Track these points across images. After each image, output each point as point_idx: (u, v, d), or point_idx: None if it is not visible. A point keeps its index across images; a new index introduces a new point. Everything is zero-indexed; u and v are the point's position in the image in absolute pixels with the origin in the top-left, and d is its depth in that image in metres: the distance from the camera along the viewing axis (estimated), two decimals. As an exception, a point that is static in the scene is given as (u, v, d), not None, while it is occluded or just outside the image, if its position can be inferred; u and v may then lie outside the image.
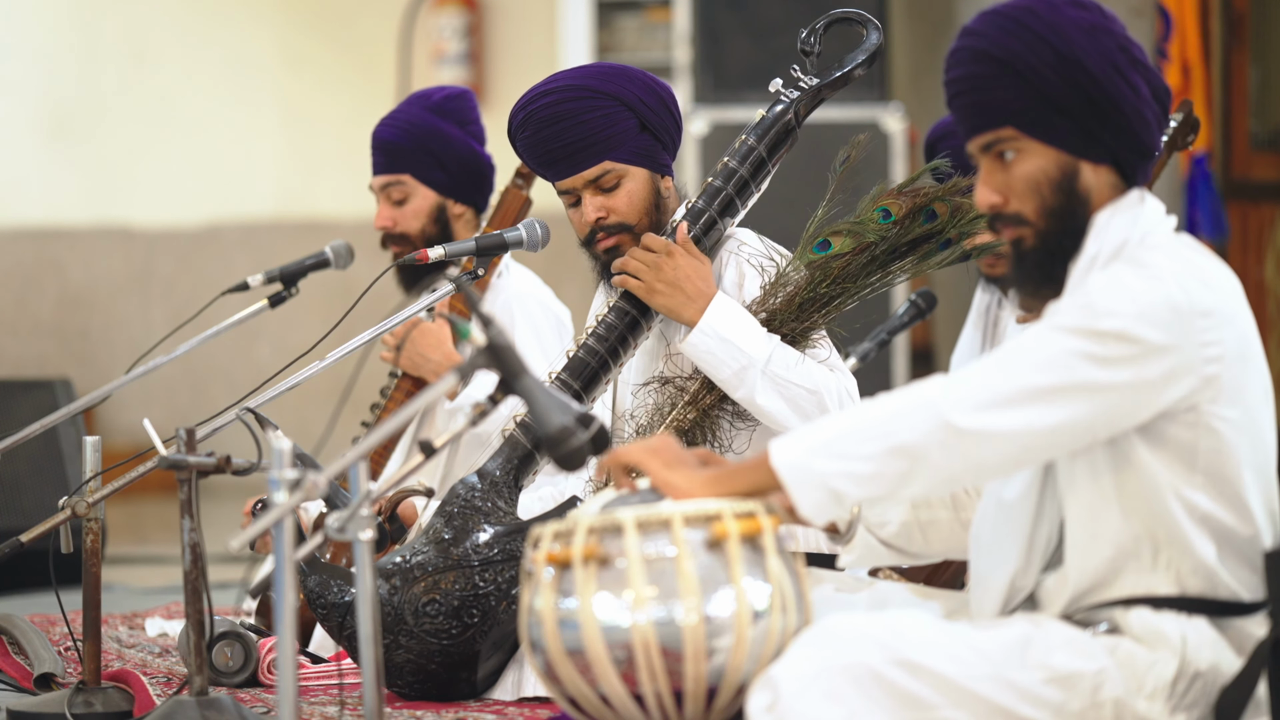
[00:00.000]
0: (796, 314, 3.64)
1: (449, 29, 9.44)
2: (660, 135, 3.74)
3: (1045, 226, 2.69)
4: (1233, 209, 7.60)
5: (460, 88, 4.64)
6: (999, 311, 4.45)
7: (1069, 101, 2.65)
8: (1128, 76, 2.65)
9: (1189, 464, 2.62)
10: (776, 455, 2.65)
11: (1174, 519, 2.63)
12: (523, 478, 3.64)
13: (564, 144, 3.70)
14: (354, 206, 8.57)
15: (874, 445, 2.60)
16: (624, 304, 3.70)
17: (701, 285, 3.62)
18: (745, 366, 3.56)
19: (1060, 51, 2.64)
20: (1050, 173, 2.68)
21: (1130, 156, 2.68)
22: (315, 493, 2.54)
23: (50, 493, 5.35)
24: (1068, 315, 2.58)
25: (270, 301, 4.31)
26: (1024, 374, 2.57)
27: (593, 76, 3.73)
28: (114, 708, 3.54)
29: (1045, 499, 2.72)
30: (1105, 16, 2.68)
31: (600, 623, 2.59)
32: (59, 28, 9.87)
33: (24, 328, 9.87)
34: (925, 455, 2.58)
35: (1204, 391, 2.60)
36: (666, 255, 3.63)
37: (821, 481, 2.62)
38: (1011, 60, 2.66)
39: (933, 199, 3.66)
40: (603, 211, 3.73)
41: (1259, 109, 8.00)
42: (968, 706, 2.55)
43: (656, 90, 3.75)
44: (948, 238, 3.66)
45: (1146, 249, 2.64)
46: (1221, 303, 2.62)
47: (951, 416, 2.57)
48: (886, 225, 3.66)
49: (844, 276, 3.65)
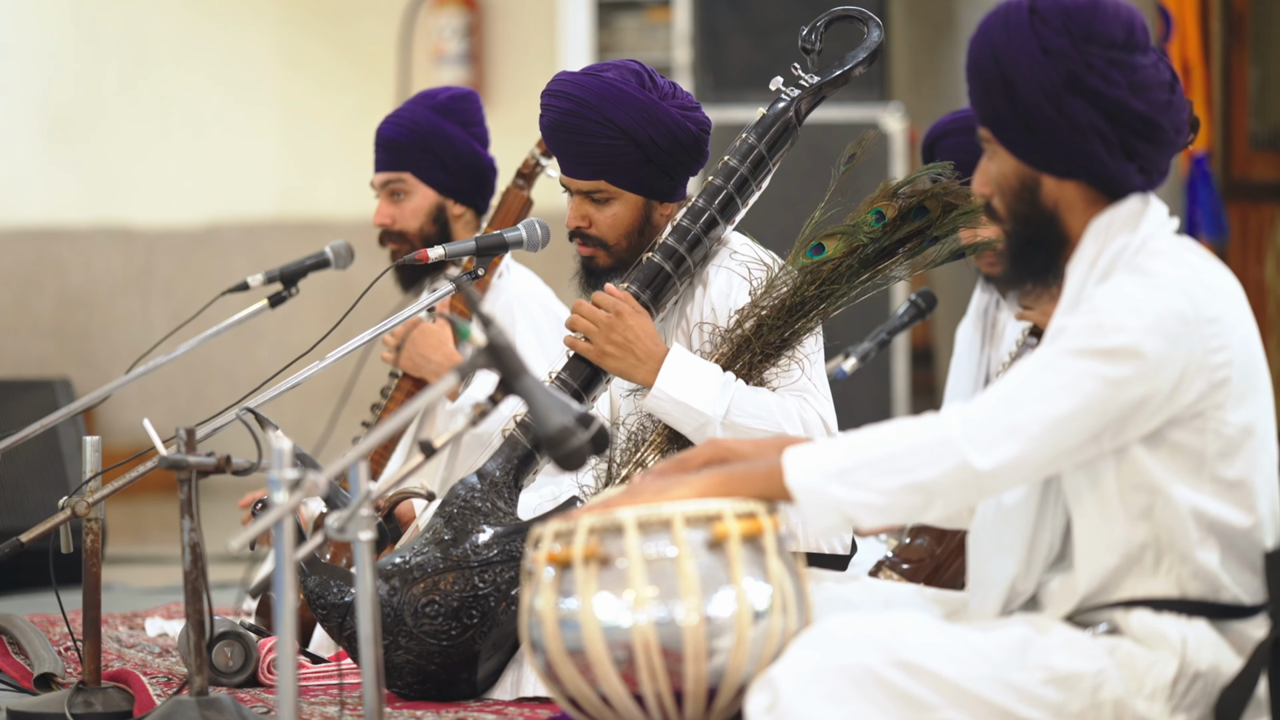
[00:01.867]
0: (785, 320, 3.64)
1: (449, 29, 9.43)
2: (668, 170, 3.73)
3: (1012, 227, 2.73)
4: (1233, 209, 7.60)
5: (466, 89, 4.64)
6: (997, 312, 4.44)
7: (1010, 119, 2.67)
8: (1062, 106, 2.64)
9: (1197, 469, 2.62)
10: (792, 474, 2.65)
11: (1180, 526, 2.63)
12: (522, 478, 3.64)
13: (568, 148, 3.72)
14: (354, 206, 8.56)
15: (892, 480, 2.60)
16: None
17: (651, 345, 3.62)
18: (703, 425, 3.57)
19: (1003, 71, 2.67)
20: (1011, 180, 2.71)
21: (1088, 177, 2.68)
22: (315, 493, 2.54)
23: (50, 493, 5.35)
24: (1077, 337, 2.59)
25: (270, 301, 4.31)
26: (1040, 406, 2.57)
27: (611, 100, 3.68)
28: (114, 708, 3.54)
29: (1046, 503, 2.72)
30: (1079, 38, 2.64)
31: (601, 623, 2.59)
32: (59, 28, 9.86)
33: (24, 328, 9.86)
34: (942, 493, 2.60)
35: (1212, 397, 2.60)
36: (616, 316, 3.62)
37: (835, 507, 2.63)
38: (976, 69, 2.71)
39: (924, 197, 3.66)
40: (584, 221, 3.75)
41: (1259, 109, 7.99)
42: (967, 707, 2.55)
43: (672, 130, 3.69)
44: (935, 235, 3.66)
45: (1148, 255, 2.64)
46: (1226, 309, 2.63)
47: (970, 457, 2.58)
48: (878, 228, 3.65)
49: (833, 278, 3.64)
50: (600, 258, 3.77)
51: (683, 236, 3.68)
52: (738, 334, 3.64)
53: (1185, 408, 2.60)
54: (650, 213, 3.76)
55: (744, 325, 3.64)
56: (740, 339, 3.64)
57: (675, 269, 3.68)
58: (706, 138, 3.77)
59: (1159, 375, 2.57)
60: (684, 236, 3.68)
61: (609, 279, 3.77)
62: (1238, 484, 2.63)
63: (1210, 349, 2.60)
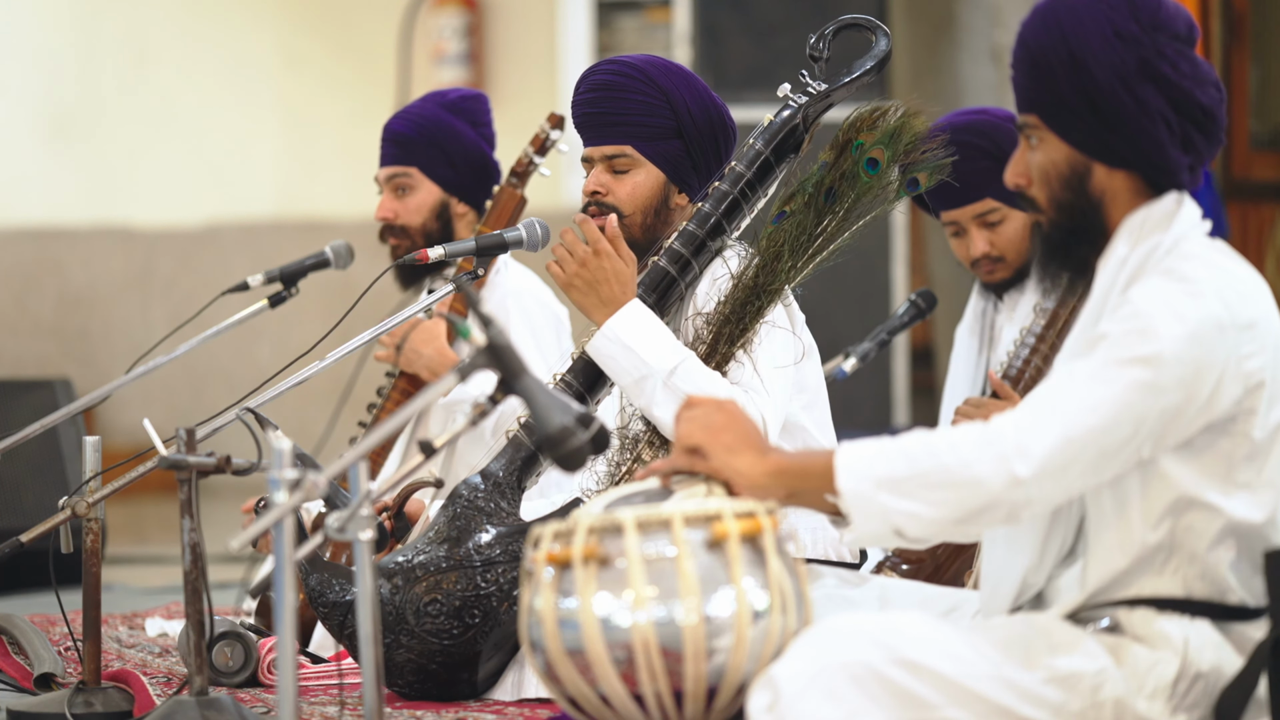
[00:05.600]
0: (758, 289, 3.62)
1: (449, 29, 9.43)
2: (693, 151, 3.73)
3: (1054, 217, 2.72)
4: (1233, 209, 7.60)
5: (475, 90, 4.65)
6: (995, 316, 4.44)
7: (1076, 103, 2.66)
8: (1135, 90, 2.64)
9: (1225, 473, 2.62)
10: (843, 479, 2.63)
11: (1198, 528, 2.62)
12: (526, 478, 3.64)
13: (600, 111, 3.73)
14: (354, 206, 8.56)
15: (944, 493, 2.59)
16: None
17: (618, 291, 3.59)
18: (645, 376, 3.52)
19: (1073, 52, 2.65)
20: (1060, 168, 2.70)
21: (1145, 167, 2.68)
22: (315, 493, 2.54)
23: (50, 493, 5.34)
24: (1120, 346, 2.58)
25: (270, 301, 4.31)
26: (1089, 416, 2.56)
27: (657, 67, 3.75)
28: (114, 708, 3.54)
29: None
30: (1147, 26, 2.66)
31: (600, 623, 2.59)
32: (59, 28, 9.86)
33: (24, 328, 9.86)
34: (992, 507, 2.59)
35: (1246, 401, 2.60)
36: (594, 254, 3.60)
37: (884, 516, 2.62)
38: (1038, 51, 2.68)
39: (858, 132, 3.67)
40: (602, 188, 3.74)
41: (1259, 109, 8.00)
42: (968, 706, 2.55)
43: (711, 114, 3.75)
44: (870, 156, 3.66)
45: (1181, 257, 2.63)
46: (1260, 312, 2.64)
47: (1018, 469, 2.57)
48: (819, 172, 3.67)
49: (791, 233, 3.64)
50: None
51: (689, 241, 3.68)
52: (718, 316, 3.63)
53: (1222, 413, 2.60)
54: (668, 196, 3.76)
55: (723, 308, 3.63)
56: (719, 319, 3.63)
57: (681, 274, 3.68)
58: (733, 138, 3.79)
59: (1197, 383, 2.56)
60: (690, 241, 3.68)
61: None
62: (1263, 485, 2.64)
63: (1244, 354, 2.60)
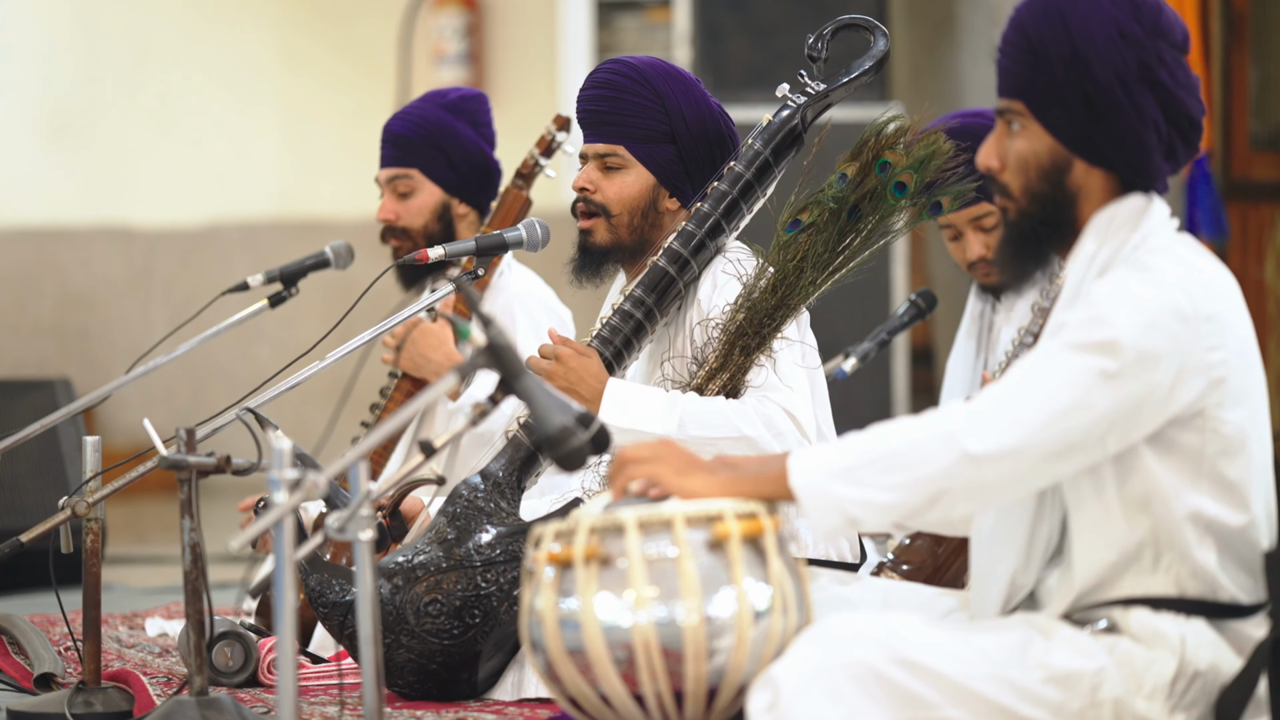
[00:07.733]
0: (775, 301, 3.63)
1: (449, 29, 9.43)
2: (686, 157, 3.75)
3: (1025, 207, 2.72)
4: (1233, 209, 7.60)
5: (475, 90, 4.65)
6: (993, 316, 4.45)
7: (1071, 97, 2.66)
8: (1133, 93, 2.64)
9: (1195, 469, 2.63)
10: (796, 475, 2.64)
11: (1178, 525, 2.63)
12: (526, 478, 3.64)
13: (597, 110, 3.76)
14: (354, 206, 8.56)
15: (895, 477, 2.60)
16: (629, 308, 3.69)
17: (594, 384, 3.62)
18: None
19: (1076, 47, 2.65)
20: (1041, 158, 2.69)
21: (1126, 168, 2.68)
22: (315, 493, 2.54)
23: (50, 493, 5.34)
24: (1077, 331, 2.58)
25: (270, 301, 4.31)
26: (1040, 399, 2.57)
27: (657, 70, 3.77)
28: (114, 708, 3.54)
29: (1045, 497, 2.72)
30: (1149, 30, 2.67)
31: (601, 623, 2.59)
32: (59, 28, 9.86)
33: (24, 328, 9.86)
34: (946, 490, 2.59)
35: (1211, 395, 2.61)
36: (556, 362, 3.62)
37: (839, 507, 2.62)
38: (1037, 40, 2.68)
39: (882, 149, 3.66)
40: (591, 185, 3.77)
41: (1259, 109, 7.99)
42: (968, 705, 2.55)
43: (707, 122, 3.76)
44: (899, 180, 3.66)
45: (1148, 251, 2.64)
46: (1224, 307, 2.63)
47: (969, 446, 2.57)
48: (842, 187, 3.67)
49: (812, 249, 3.64)
50: (599, 231, 3.77)
51: (688, 241, 3.69)
52: (733, 326, 3.64)
53: (1186, 407, 2.60)
54: (657, 199, 3.77)
55: (737, 316, 3.64)
56: (734, 329, 3.64)
57: (680, 273, 3.69)
58: (731, 144, 3.78)
59: (1156, 372, 2.57)
60: (689, 241, 3.69)
61: (603, 264, 3.78)
62: (1234, 484, 2.64)
63: (1207, 347, 2.60)
